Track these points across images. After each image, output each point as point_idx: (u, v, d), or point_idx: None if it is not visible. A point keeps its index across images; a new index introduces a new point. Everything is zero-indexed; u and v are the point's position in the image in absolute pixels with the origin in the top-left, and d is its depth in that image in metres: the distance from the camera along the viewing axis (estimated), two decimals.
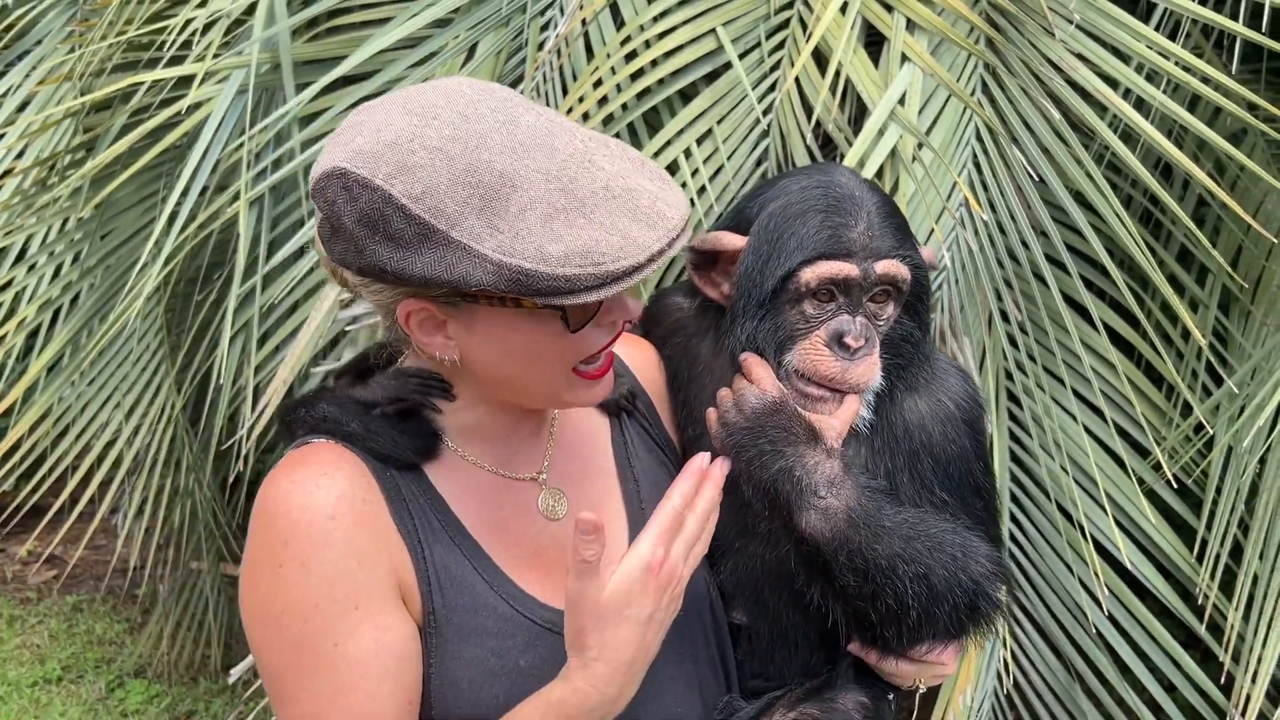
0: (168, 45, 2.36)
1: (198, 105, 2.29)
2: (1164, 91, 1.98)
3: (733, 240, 1.30)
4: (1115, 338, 2.29)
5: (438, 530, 1.15)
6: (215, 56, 2.19)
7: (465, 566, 1.15)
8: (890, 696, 1.37)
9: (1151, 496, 2.31)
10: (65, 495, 3.01)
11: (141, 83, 2.40)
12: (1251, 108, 2.07)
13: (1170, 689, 2.33)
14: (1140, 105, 2.04)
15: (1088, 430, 2.24)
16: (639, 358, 1.43)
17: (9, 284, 2.95)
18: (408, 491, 1.15)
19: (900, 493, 1.28)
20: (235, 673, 2.10)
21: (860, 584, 1.16)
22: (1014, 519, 2.37)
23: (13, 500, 3.18)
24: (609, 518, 1.27)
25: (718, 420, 1.22)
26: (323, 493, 1.08)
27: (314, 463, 1.11)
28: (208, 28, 2.27)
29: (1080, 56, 1.93)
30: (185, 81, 2.44)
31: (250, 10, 2.29)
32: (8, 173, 2.84)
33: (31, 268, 2.96)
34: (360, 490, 1.11)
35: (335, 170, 1.02)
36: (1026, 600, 2.39)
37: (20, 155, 2.84)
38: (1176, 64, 1.91)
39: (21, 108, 2.88)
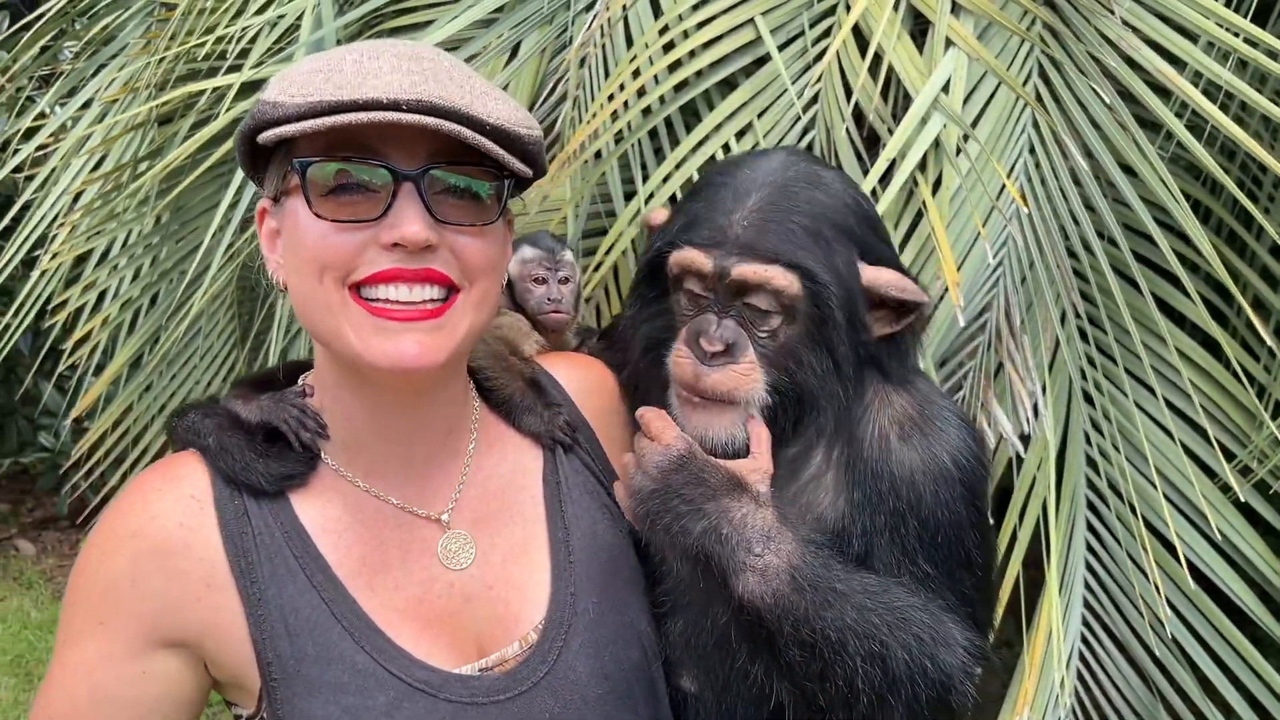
0: (228, 54, 2.41)
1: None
2: (1234, 72, 1.83)
3: (659, 215, 1.19)
4: (1199, 335, 2.15)
5: (293, 569, 1.04)
6: (260, 65, 2.22)
7: (321, 610, 1.03)
8: None
9: (1238, 504, 2.17)
10: None
11: (203, 91, 2.45)
12: None
13: (1254, 704, 2.19)
14: (1210, 89, 1.89)
15: (1167, 431, 2.11)
16: (586, 379, 1.27)
17: (92, 284, 3.05)
18: (260, 523, 1.05)
19: (875, 558, 1.10)
20: None
21: (807, 660, 0.99)
22: (1089, 525, 2.25)
23: (113, 495, 3.31)
24: (528, 569, 1.12)
25: (625, 491, 1.07)
26: (142, 508, 1.05)
27: (162, 475, 1.07)
28: (254, 37, 2.30)
29: (1141, 36, 1.79)
30: (247, 89, 2.49)
31: (301, 17, 2.31)
32: (91, 177, 2.95)
33: (113, 269, 3.07)
34: (181, 515, 1.04)
35: None
36: (1103, 611, 2.27)
37: (98, 164, 2.94)
38: (1246, 40, 1.76)
39: (102, 117, 2.97)
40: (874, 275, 1.14)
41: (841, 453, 1.11)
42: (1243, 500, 2.14)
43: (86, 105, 3.00)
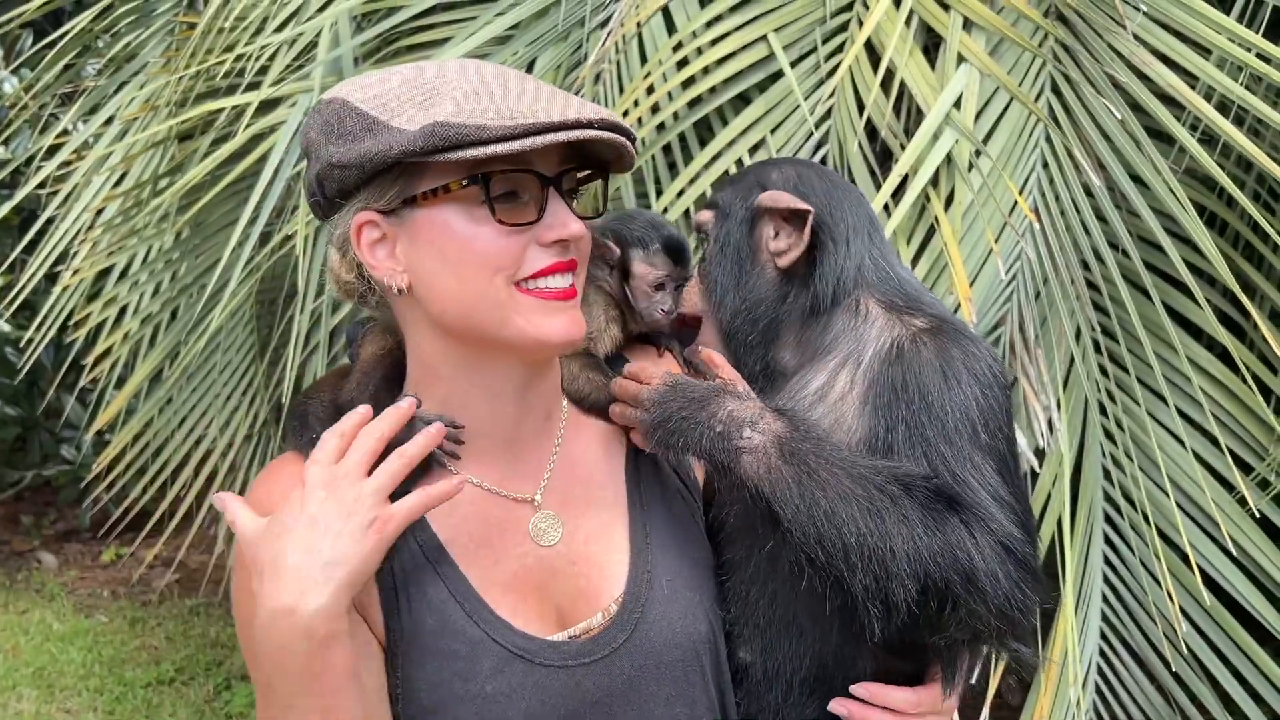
0: (247, 71, 2.44)
1: (271, 129, 2.35)
2: (1249, 88, 1.83)
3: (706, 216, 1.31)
4: (1216, 349, 2.14)
5: (413, 546, 1.14)
6: (280, 82, 2.24)
7: (437, 584, 1.13)
8: None
9: (1255, 516, 2.16)
10: (189, 502, 3.15)
11: (221, 109, 2.48)
12: None
13: (1273, 716, 2.17)
14: (1222, 103, 1.90)
15: (1185, 446, 2.11)
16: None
17: (114, 299, 3.09)
18: None
19: (899, 457, 1.12)
20: None
21: (805, 534, 1.05)
22: (1106, 538, 2.25)
23: (134, 507, 3.34)
24: (609, 551, 1.21)
25: (640, 433, 1.19)
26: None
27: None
28: (273, 55, 2.33)
29: (1155, 52, 1.80)
30: (265, 106, 2.52)
31: (318, 35, 2.34)
32: (112, 194, 2.98)
33: (134, 285, 3.10)
34: None
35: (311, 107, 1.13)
36: (1120, 625, 2.27)
37: (119, 181, 2.97)
38: (1259, 56, 1.76)
39: (123, 134, 3.01)
40: (765, 195, 1.25)
41: (861, 372, 1.18)
42: (1259, 514, 2.13)
43: (108, 123, 3.04)
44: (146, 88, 3.00)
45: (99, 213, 2.99)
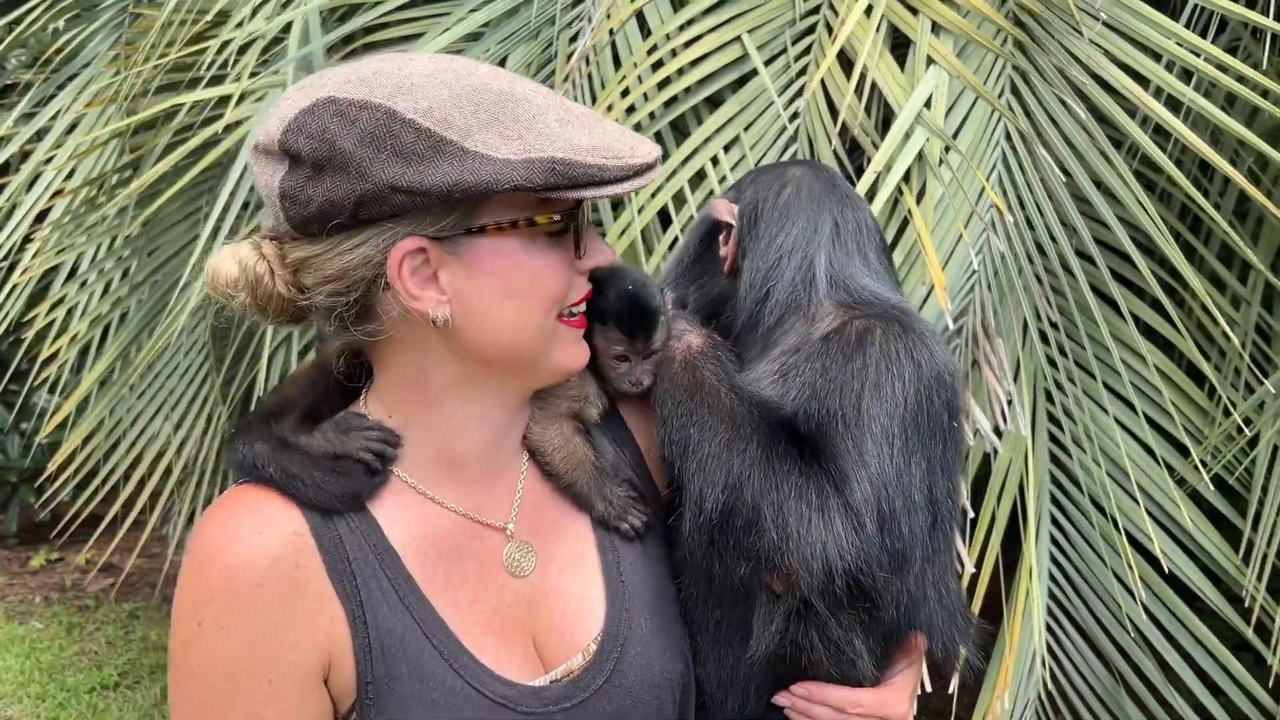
0: (208, 66, 2.42)
1: (237, 124, 2.34)
2: (1199, 90, 1.95)
3: (725, 207, 1.34)
4: (1155, 336, 2.26)
5: (386, 590, 1.06)
6: (252, 76, 2.24)
7: (414, 631, 1.06)
8: None
9: (1195, 497, 2.28)
10: (118, 505, 3.10)
11: (183, 104, 2.46)
12: None
13: (1216, 692, 2.30)
14: (1174, 105, 2.01)
15: (1127, 430, 2.22)
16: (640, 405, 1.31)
17: (61, 300, 3.03)
18: (354, 547, 1.06)
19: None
20: None
21: (670, 434, 1.16)
22: (1054, 519, 2.35)
23: (69, 510, 3.28)
24: (583, 583, 1.17)
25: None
26: (254, 554, 1.02)
27: (251, 514, 1.05)
28: (245, 48, 2.32)
29: (1109, 55, 1.91)
30: (226, 100, 2.50)
31: (287, 29, 2.33)
32: (58, 193, 2.92)
33: (83, 285, 3.05)
34: (294, 554, 1.03)
35: (322, 100, 0.98)
36: (1067, 601, 2.37)
37: (70, 176, 2.92)
38: (1209, 62, 1.88)
39: (70, 129, 2.96)
40: (711, 204, 1.31)
41: (796, 357, 1.19)
42: (1200, 493, 2.25)
43: (54, 118, 2.98)
44: (94, 84, 2.96)
45: (44, 213, 2.93)
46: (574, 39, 2.27)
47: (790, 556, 1.06)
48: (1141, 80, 1.93)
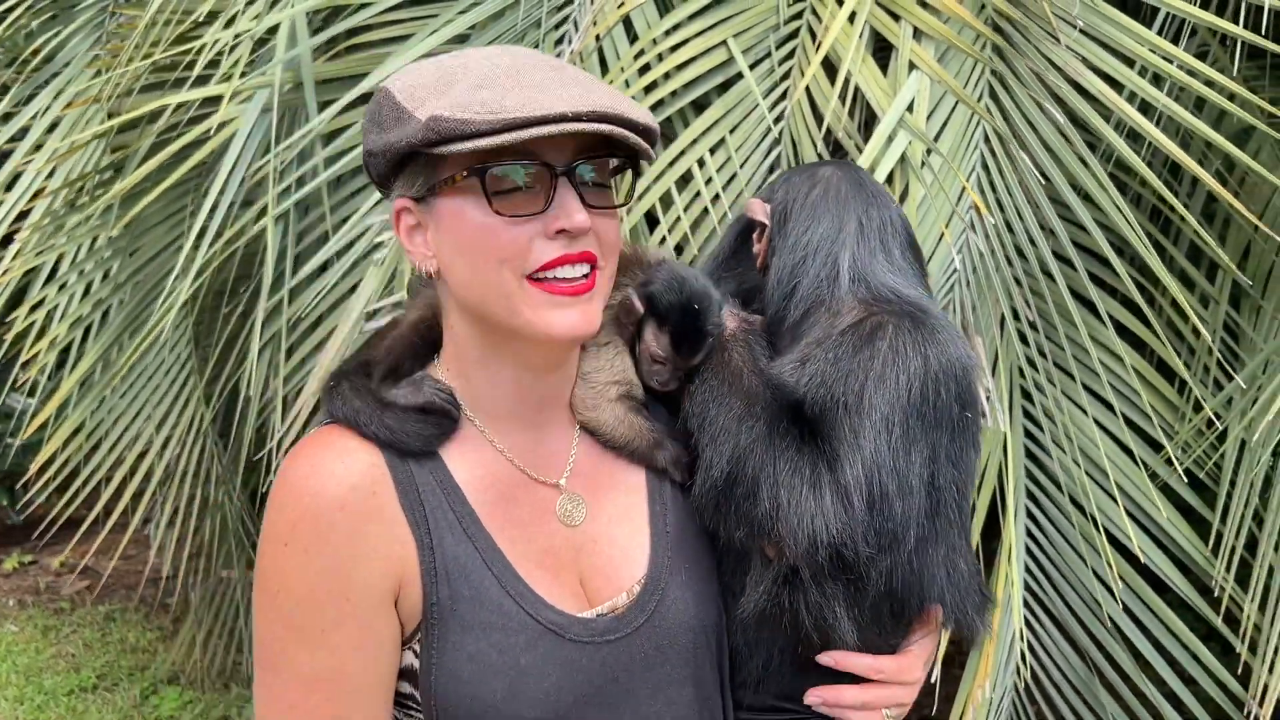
0: (194, 66, 2.43)
1: (224, 124, 2.35)
2: (1170, 94, 2.01)
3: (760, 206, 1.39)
4: (1127, 334, 2.32)
5: (451, 520, 1.17)
6: (242, 76, 2.25)
7: (475, 559, 1.16)
8: None
9: (1166, 491, 2.34)
10: (99, 508, 3.08)
11: (168, 104, 2.46)
12: (1259, 108, 2.10)
13: (1188, 681, 2.36)
14: (1146, 108, 2.07)
15: (1101, 426, 2.27)
16: None
17: (41, 303, 3.02)
18: (423, 480, 1.17)
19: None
20: None
21: (693, 406, 1.25)
22: (1030, 514, 2.40)
23: (46, 513, 3.26)
24: (631, 533, 1.26)
25: None
26: (335, 482, 1.12)
27: (334, 449, 1.15)
28: (232, 48, 2.33)
29: (1085, 61, 1.96)
30: (210, 100, 2.51)
31: (273, 30, 2.35)
32: (38, 194, 2.91)
33: (62, 286, 3.03)
34: (371, 483, 1.14)
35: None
36: (1044, 595, 2.43)
37: (50, 176, 2.91)
38: (1180, 67, 1.94)
39: (50, 129, 2.94)
40: (748, 203, 1.37)
41: (817, 349, 1.26)
42: (1173, 489, 2.32)
43: (35, 117, 2.97)
44: (73, 85, 2.95)
45: (25, 213, 2.91)
46: (559, 41, 2.30)
47: (780, 525, 1.15)
48: (1116, 85, 1.99)
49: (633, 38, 2.17)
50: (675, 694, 1.23)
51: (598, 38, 2.16)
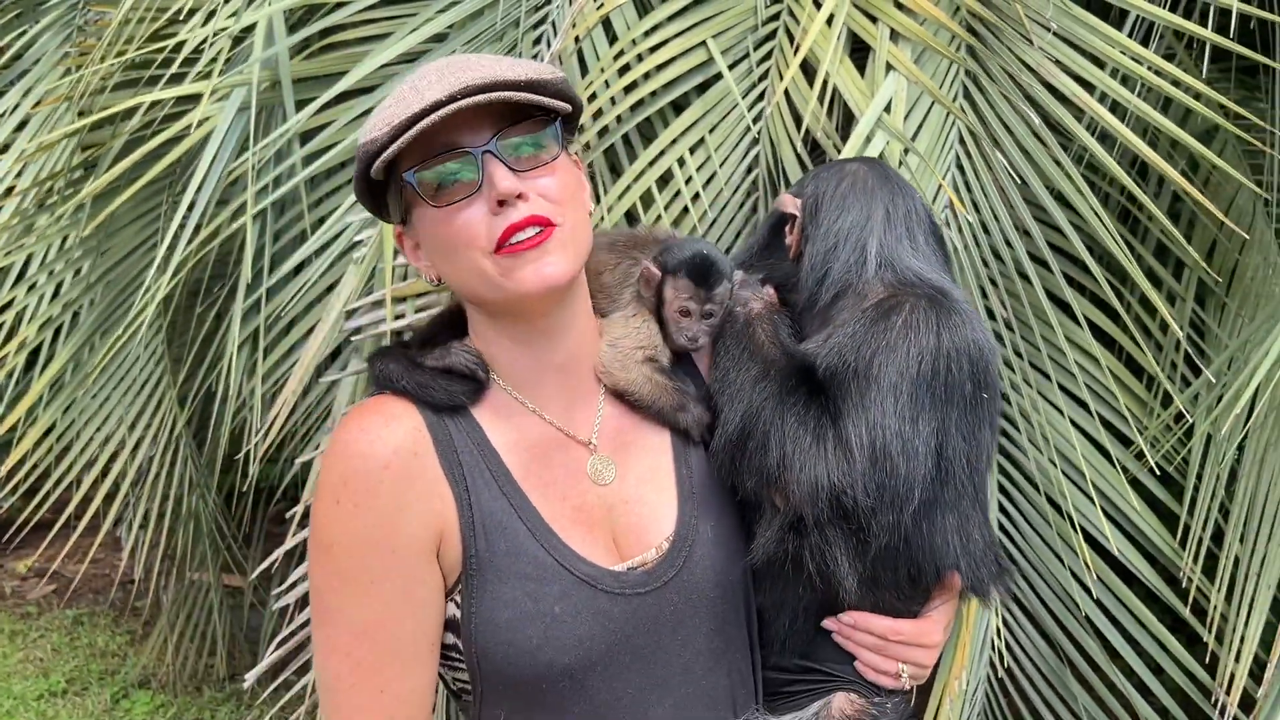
0: (168, 64, 2.41)
1: (201, 122, 2.34)
2: (1138, 94, 2.05)
3: (792, 202, 1.47)
4: (1097, 332, 2.36)
5: (488, 479, 1.25)
6: (220, 74, 2.24)
7: (510, 514, 1.24)
8: (880, 698, 1.37)
9: (1136, 485, 2.39)
10: (69, 511, 3.05)
11: (142, 102, 2.45)
12: (1222, 107, 2.15)
13: (1157, 670, 2.41)
14: (1115, 108, 2.11)
15: (1073, 422, 2.31)
16: None
17: (9, 304, 2.98)
18: (461, 442, 1.26)
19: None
20: (249, 678, 2.15)
21: (716, 374, 1.35)
22: (1003, 509, 2.44)
23: (13, 518, 3.22)
24: (659, 492, 1.34)
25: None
26: (381, 444, 1.21)
27: (382, 414, 1.25)
28: (206, 45, 2.31)
29: (1057, 63, 2.00)
30: (185, 99, 2.49)
31: (249, 28, 2.34)
32: (8, 193, 2.88)
33: (32, 287, 3.00)
34: (414, 444, 1.24)
35: None
36: (1017, 588, 2.46)
37: (19, 175, 2.87)
38: (1149, 68, 1.98)
39: (20, 127, 2.91)
40: (780, 198, 1.45)
41: (837, 327, 1.35)
42: (1143, 483, 2.36)
43: (3, 115, 2.93)
44: (42, 83, 2.92)
45: None
46: (538, 41, 2.31)
47: (787, 474, 1.24)
48: (1087, 86, 2.03)
49: (612, 38, 2.18)
50: (703, 646, 1.30)
51: (577, 39, 2.17)
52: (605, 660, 1.24)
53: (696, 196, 2.09)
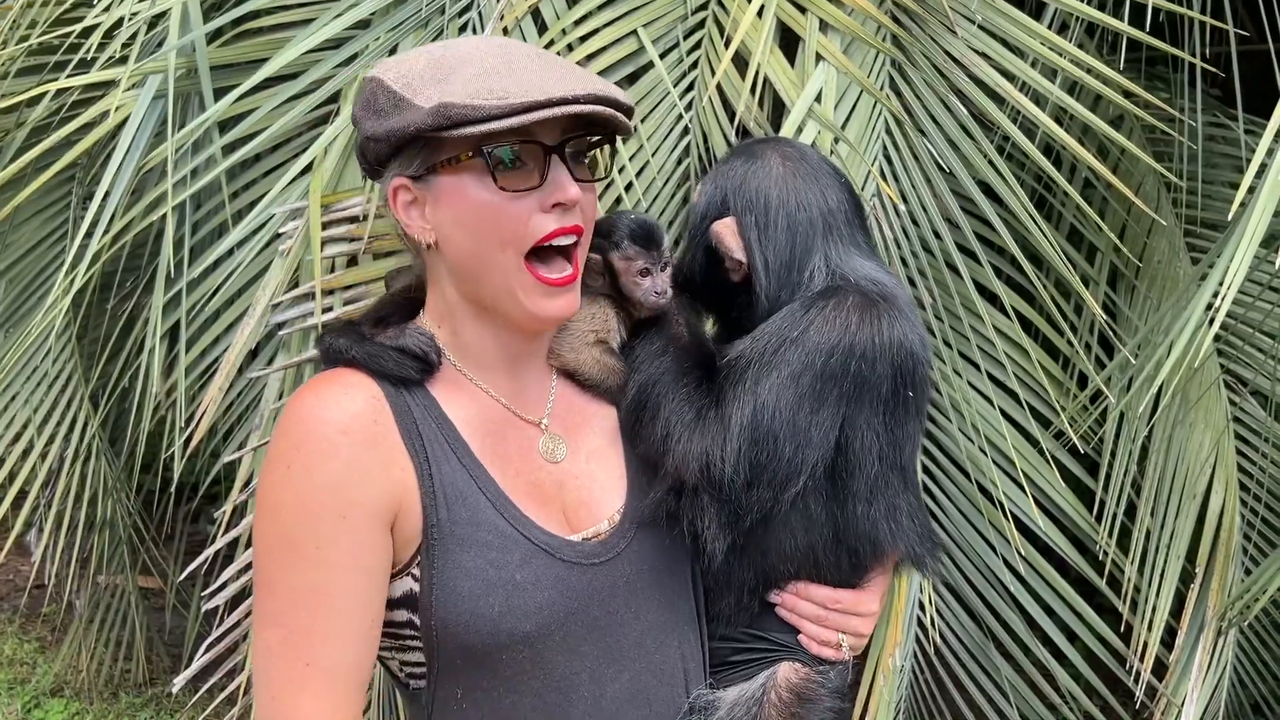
0: (75, 49, 2.32)
1: (113, 110, 2.26)
2: (1058, 85, 2.12)
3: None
4: (1015, 316, 2.43)
5: (446, 450, 1.26)
6: (134, 61, 2.16)
7: (470, 484, 1.25)
8: (823, 667, 1.40)
9: (1055, 463, 2.47)
10: None
11: (48, 90, 2.36)
12: (1128, 95, 2.23)
13: (1074, 639, 2.50)
14: (1034, 96, 2.17)
15: (993, 403, 2.38)
16: None
17: None
18: (420, 414, 1.26)
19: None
20: (178, 682, 2.10)
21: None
22: (928, 491, 2.50)
23: None
24: (608, 470, 1.37)
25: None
26: (340, 410, 1.21)
27: (338, 383, 1.24)
28: (115, 30, 2.23)
29: (979, 52, 2.05)
30: (93, 86, 2.41)
31: (163, 14, 2.26)
32: None
33: None
34: (373, 412, 1.23)
35: (363, 79, 1.29)
36: (943, 567, 2.53)
37: None
38: (1068, 59, 2.05)
39: None
40: (713, 229, 1.41)
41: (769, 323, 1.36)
42: (1061, 460, 2.44)
43: None
44: None
45: None
46: (463, 29, 2.28)
47: (668, 442, 1.30)
48: (1008, 76, 2.09)
49: (542, 27, 2.17)
50: (654, 619, 1.34)
51: (505, 30, 2.16)
52: (563, 630, 1.26)
53: (630, 186, 2.09)
